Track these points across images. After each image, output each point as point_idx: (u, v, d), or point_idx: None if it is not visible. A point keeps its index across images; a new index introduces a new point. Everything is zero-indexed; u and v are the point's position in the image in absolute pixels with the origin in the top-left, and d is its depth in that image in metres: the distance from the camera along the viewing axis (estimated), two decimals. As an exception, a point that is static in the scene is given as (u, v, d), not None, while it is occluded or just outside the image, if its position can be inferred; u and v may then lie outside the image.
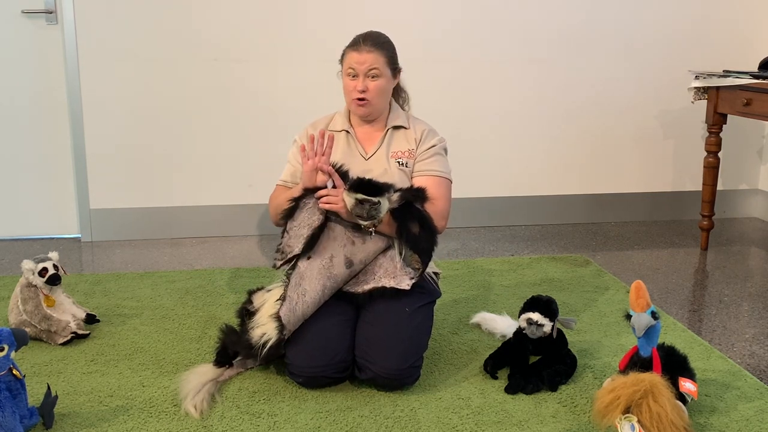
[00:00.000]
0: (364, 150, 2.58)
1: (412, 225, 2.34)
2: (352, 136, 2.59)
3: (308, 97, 3.99)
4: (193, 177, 4.04)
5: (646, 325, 2.14)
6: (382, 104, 2.56)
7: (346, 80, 2.54)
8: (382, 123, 2.61)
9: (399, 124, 2.60)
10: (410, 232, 2.35)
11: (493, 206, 4.32)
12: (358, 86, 2.49)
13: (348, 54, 2.53)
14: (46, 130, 3.94)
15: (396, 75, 2.59)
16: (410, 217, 2.35)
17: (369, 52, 2.49)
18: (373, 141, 2.59)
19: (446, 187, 2.56)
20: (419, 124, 2.64)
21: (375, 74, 2.49)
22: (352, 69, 2.50)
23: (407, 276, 2.42)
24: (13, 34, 3.82)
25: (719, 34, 4.31)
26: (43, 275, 2.65)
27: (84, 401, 2.28)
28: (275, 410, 2.23)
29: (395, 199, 2.36)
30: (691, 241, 4.06)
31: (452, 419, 2.19)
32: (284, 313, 2.30)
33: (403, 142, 2.59)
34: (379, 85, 2.50)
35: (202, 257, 3.74)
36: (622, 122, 4.35)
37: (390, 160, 2.55)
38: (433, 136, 2.61)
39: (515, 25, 4.13)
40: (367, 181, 2.35)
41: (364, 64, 2.48)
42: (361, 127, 2.61)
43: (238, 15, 3.91)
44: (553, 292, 3.20)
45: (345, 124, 2.60)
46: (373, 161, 2.55)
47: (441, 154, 2.60)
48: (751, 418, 2.21)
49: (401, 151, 2.57)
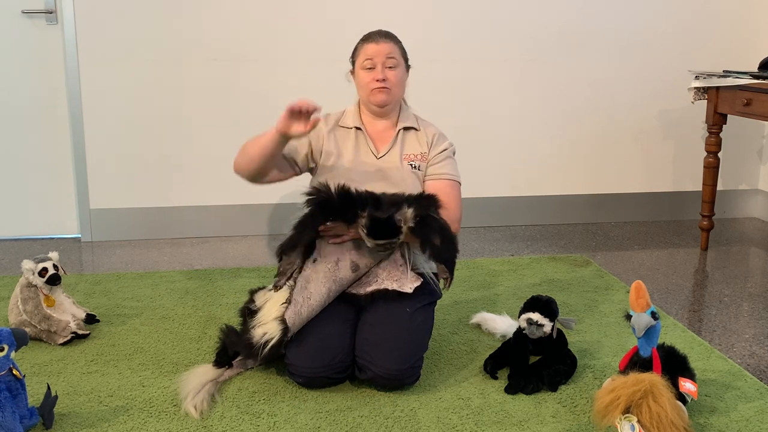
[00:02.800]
0: (376, 148, 2.56)
1: (434, 238, 2.32)
2: (363, 133, 2.58)
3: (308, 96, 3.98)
4: (193, 177, 4.04)
5: (646, 326, 2.14)
6: (400, 95, 2.57)
7: (363, 74, 2.52)
8: (393, 121, 2.60)
9: (410, 125, 2.60)
10: (433, 245, 2.32)
11: (493, 206, 4.32)
12: (377, 76, 2.48)
13: (363, 47, 2.53)
14: (46, 130, 3.94)
15: (408, 69, 2.60)
16: (430, 231, 2.32)
17: (385, 42, 2.50)
18: (385, 140, 2.58)
19: (458, 190, 2.58)
20: (429, 126, 2.64)
21: (393, 64, 2.50)
22: (370, 59, 2.49)
23: (410, 280, 2.42)
24: (13, 34, 3.82)
25: (719, 34, 4.31)
26: (43, 275, 2.65)
27: (84, 401, 2.28)
28: (275, 410, 2.23)
29: (410, 216, 2.30)
30: (691, 241, 4.06)
31: (452, 419, 2.19)
32: (290, 315, 2.29)
33: (416, 145, 2.58)
34: (398, 74, 2.51)
35: (202, 257, 3.74)
36: (622, 122, 4.35)
37: (403, 162, 2.54)
38: (443, 139, 2.62)
39: (515, 25, 4.13)
40: (384, 222, 2.26)
41: (382, 53, 2.48)
42: (373, 125, 2.60)
43: (238, 15, 3.91)
44: (553, 292, 3.20)
45: (356, 121, 2.59)
46: (385, 161, 2.54)
47: (452, 158, 2.62)
48: (751, 419, 2.21)
49: (414, 154, 2.57)
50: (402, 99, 2.63)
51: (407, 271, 2.43)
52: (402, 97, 2.61)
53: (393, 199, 2.33)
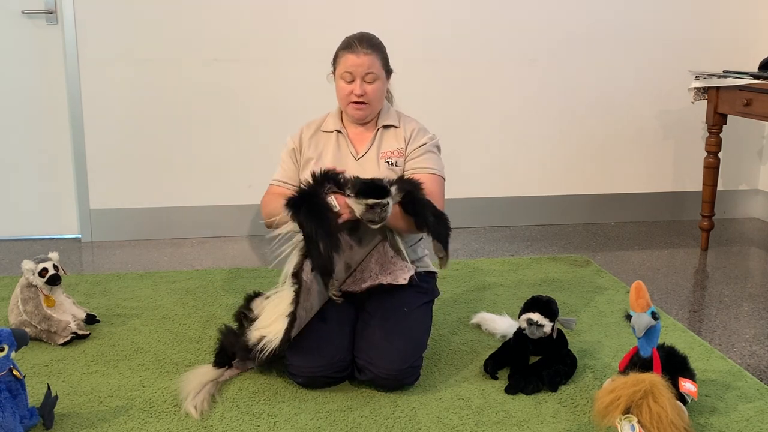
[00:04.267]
0: (355, 150, 2.55)
1: (428, 214, 2.30)
2: (344, 136, 2.57)
3: (308, 96, 3.99)
4: (193, 177, 4.04)
5: (646, 326, 2.14)
6: (378, 106, 2.55)
7: (341, 84, 2.49)
8: (373, 122, 2.58)
9: (389, 123, 2.57)
10: (430, 222, 2.30)
11: (493, 206, 4.32)
12: (356, 90, 2.45)
13: (343, 56, 2.48)
14: (46, 130, 3.94)
15: (389, 77, 2.57)
16: (422, 205, 2.30)
17: (366, 54, 2.44)
18: (364, 141, 2.56)
19: (440, 184, 2.52)
20: (410, 122, 2.60)
21: (372, 79, 2.46)
22: (349, 73, 2.45)
23: (403, 270, 2.40)
24: (13, 34, 3.82)
25: (719, 34, 4.31)
26: (43, 275, 2.65)
27: (84, 401, 2.28)
28: (275, 411, 2.23)
29: (395, 192, 2.29)
30: (691, 242, 4.06)
31: (452, 419, 2.19)
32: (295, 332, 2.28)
33: (393, 141, 2.55)
34: (377, 88, 2.48)
35: (202, 257, 3.74)
36: (622, 122, 4.35)
37: (380, 160, 2.52)
38: (424, 134, 2.57)
39: (515, 26, 4.13)
40: (370, 182, 2.27)
41: (362, 66, 2.44)
42: (353, 128, 2.59)
43: (238, 15, 3.91)
44: (553, 292, 3.20)
45: (337, 125, 2.58)
46: (364, 161, 2.53)
47: (433, 152, 2.56)
48: (751, 419, 2.21)
49: (390, 151, 2.54)
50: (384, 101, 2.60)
51: (398, 261, 2.41)
52: (381, 104, 2.57)
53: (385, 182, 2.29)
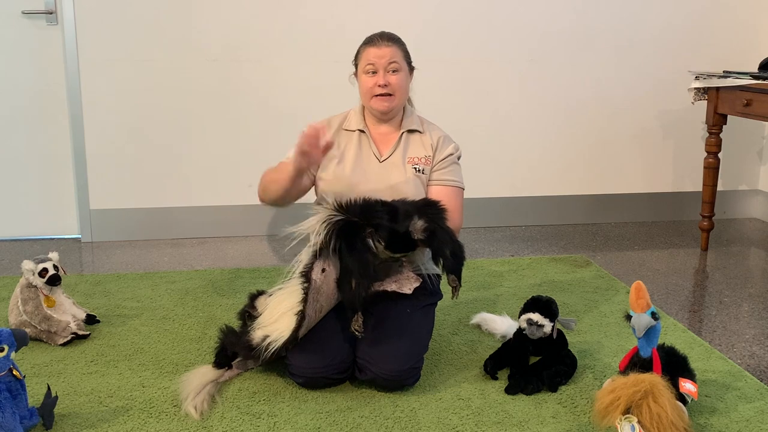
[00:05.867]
0: (379, 152, 2.55)
1: (445, 249, 2.32)
2: (366, 137, 2.56)
3: (308, 97, 4.00)
4: (192, 177, 4.04)
5: (646, 326, 2.14)
6: (403, 100, 2.55)
7: (365, 78, 2.50)
8: (397, 124, 2.58)
9: (414, 128, 2.58)
10: (446, 258, 2.33)
11: (493, 206, 4.32)
12: (379, 81, 2.46)
13: (365, 50, 2.51)
14: (46, 130, 3.94)
15: (411, 72, 2.58)
16: (441, 243, 2.32)
17: (387, 46, 2.48)
18: (388, 143, 2.56)
19: (461, 198, 2.58)
20: (434, 129, 2.62)
21: (395, 68, 2.48)
22: (372, 65, 2.47)
23: (410, 280, 2.42)
24: (13, 34, 3.82)
25: (719, 34, 4.31)
26: (43, 276, 2.65)
27: (84, 402, 2.28)
28: (275, 411, 2.23)
29: (420, 228, 2.29)
30: (691, 242, 4.06)
31: (452, 419, 2.19)
32: (302, 332, 2.29)
33: (420, 148, 2.56)
34: (400, 79, 2.49)
35: (202, 257, 3.74)
36: (622, 122, 4.35)
37: (406, 165, 2.53)
38: (449, 143, 2.60)
39: (515, 25, 4.13)
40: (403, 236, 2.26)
41: (384, 57, 2.46)
42: (377, 128, 2.58)
43: (238, 15, 3.91)
44: (553, 292, 3.20)
45: (360, 124, 2.57)
46: (388, 165, 2.53)
47: (457, 163, 2.60)
48: (751, 419, 2.21)
49: (418, 158, 2.55)
50: (407, 101, 2.62)
51: (406, 271, 2.43)
52: (405, 100, 2.59)
53: (406, 209, 2.31)
